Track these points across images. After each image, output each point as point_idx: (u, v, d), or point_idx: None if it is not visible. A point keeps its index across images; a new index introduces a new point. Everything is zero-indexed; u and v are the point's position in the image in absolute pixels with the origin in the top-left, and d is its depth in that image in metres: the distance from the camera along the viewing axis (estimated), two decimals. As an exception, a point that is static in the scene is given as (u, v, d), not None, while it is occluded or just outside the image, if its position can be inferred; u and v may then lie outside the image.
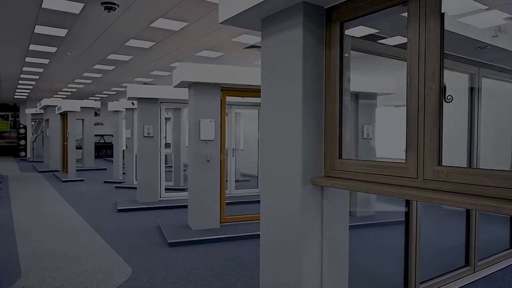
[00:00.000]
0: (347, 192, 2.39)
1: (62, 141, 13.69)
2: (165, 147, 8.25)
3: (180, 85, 5.59)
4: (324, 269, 2.28)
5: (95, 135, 15.29)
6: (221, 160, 5.54)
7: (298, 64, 2.19)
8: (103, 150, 21.47)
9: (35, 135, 19.86)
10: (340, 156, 2.21)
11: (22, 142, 22.71)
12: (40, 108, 16.17)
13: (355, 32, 2.66)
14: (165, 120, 8.56)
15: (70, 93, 19.24)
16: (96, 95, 20.43)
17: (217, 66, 5.53)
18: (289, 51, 2.26)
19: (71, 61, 11.10)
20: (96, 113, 20.65)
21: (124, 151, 10.75)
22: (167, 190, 8.03)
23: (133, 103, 9.10)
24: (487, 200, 1.48)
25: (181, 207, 7.07)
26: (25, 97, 20.62)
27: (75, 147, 12.26)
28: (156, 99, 7.61)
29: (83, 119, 13.75)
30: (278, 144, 2.36)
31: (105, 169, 14.37)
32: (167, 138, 11.23)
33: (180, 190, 8.75)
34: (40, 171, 13.89)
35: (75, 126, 12.23)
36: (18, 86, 16.18)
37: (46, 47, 9.24)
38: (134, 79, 14.57)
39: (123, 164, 11.42)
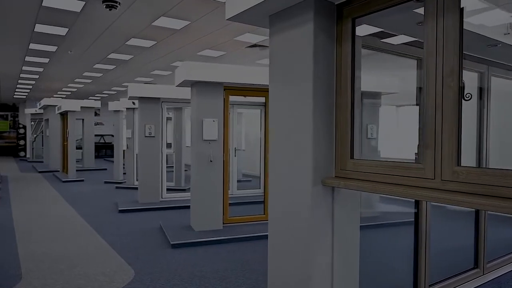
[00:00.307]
0: (359, 193, 2.33)
1: (62, 141, 13.62)
2: (166, 147, 8.18)
3: (183, 84, 5.52)
4: (335, 271, 2.22)
5: (95, 135, 15.22)
6: (224, 160, 5.48)
7: (308, 61, 2.12)
8: (103, 150, 21.40)
9: (35, 135, 19.78)
10: (352, 156, 2.14)
11: (22, 142, 22.63)
12: (39, 108, 16.09)
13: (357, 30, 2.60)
14: (166, 120, 8.49)
15: (70, 93, 19.17)
16: (96, 95, 20.36)
17: (221, 65, 5.46)
18: (299, 48, 2.20)
19: (72, 60, 11.03)
20: (96, 113, 20.58)
21: (124, 151, 10.68)
22: (168, 190, 7.97)
23: (133, 103, 9.03)
24: (512, 202, 1.42)
25: (183, 207, 7.01)
26: (25, 96, 20.55)
27: (75, 147, 12.19)
28: (158, 99, 7.54)
29: (83, 119, 13.68)
30: (288, 144, 2.29)
31: (105, 169, 14.30)
32: (168, 138, 11.16)
33: (181, 190, 8.70)
34: (40, 171, 13.81)
35: (75, 126, 12.16)
36: (18, 85, 16.11)
37: (46, 46, 9.17)
38: (135, 79, 14.51)
39: (124, 164, 11.35)
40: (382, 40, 3.14)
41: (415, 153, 3.21)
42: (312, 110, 2.11)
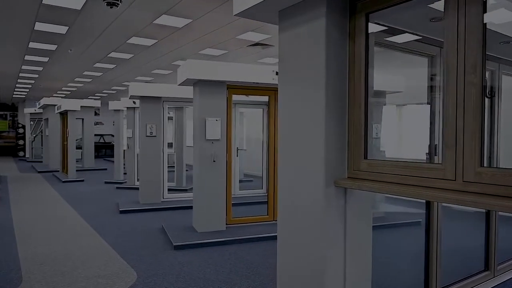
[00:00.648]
0: (372, 193, 2.26)
1: (62, 141, 13.52)
2: (167, 147, 8.09)
3: (185, 82, 5.44)
4: (348, 273, 2.14)
5: (95, 135, 15.13)
6: (227, 161, 5.39)
7: (320, 59, 2.05)
8: (103, 150, 21.30)
9: (34, 135, 19.68)
10: (366, 156, 2.06)
11: (21, 142, 22.52)
12: (39, 108, 15.99)
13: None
14: (167, 119, 8.41)
15: (69, 92, 19.07)
16: (96, 94, 20.26)
17: (224, 63, 5.38)
18: (310, 45, 2.12)
19: (72, 59, 10.94)
20: (96, 113, 20.50)
21: (125, 151, 10.60)
22: (170, 190, 7.88)
23: (134, 102, 8.95)
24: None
25: (185, 208, 6.93)
26: (24, 96, 20.45)
27: (75, 147, 12.11)
28: (159, 98, 7.46)
29: (83, 119, 13.59)
30: (298, 144, 2.22)
31: (106, 169, 14.20)
32: (169, 137, 11.08)
33: (182, 191, 8.62)
34: (40, 172, 13.71)
35: (75, 125, 12.07)
36: (17, 84, 16.01)
37: (46, 44, 9.09)
38: (135, 78, 14.42)
39: (124, 164, 11.27)
40: (386, 38, 3.06)
41: (426, 153, 3.14)
42: (325, 110, 2.03)
